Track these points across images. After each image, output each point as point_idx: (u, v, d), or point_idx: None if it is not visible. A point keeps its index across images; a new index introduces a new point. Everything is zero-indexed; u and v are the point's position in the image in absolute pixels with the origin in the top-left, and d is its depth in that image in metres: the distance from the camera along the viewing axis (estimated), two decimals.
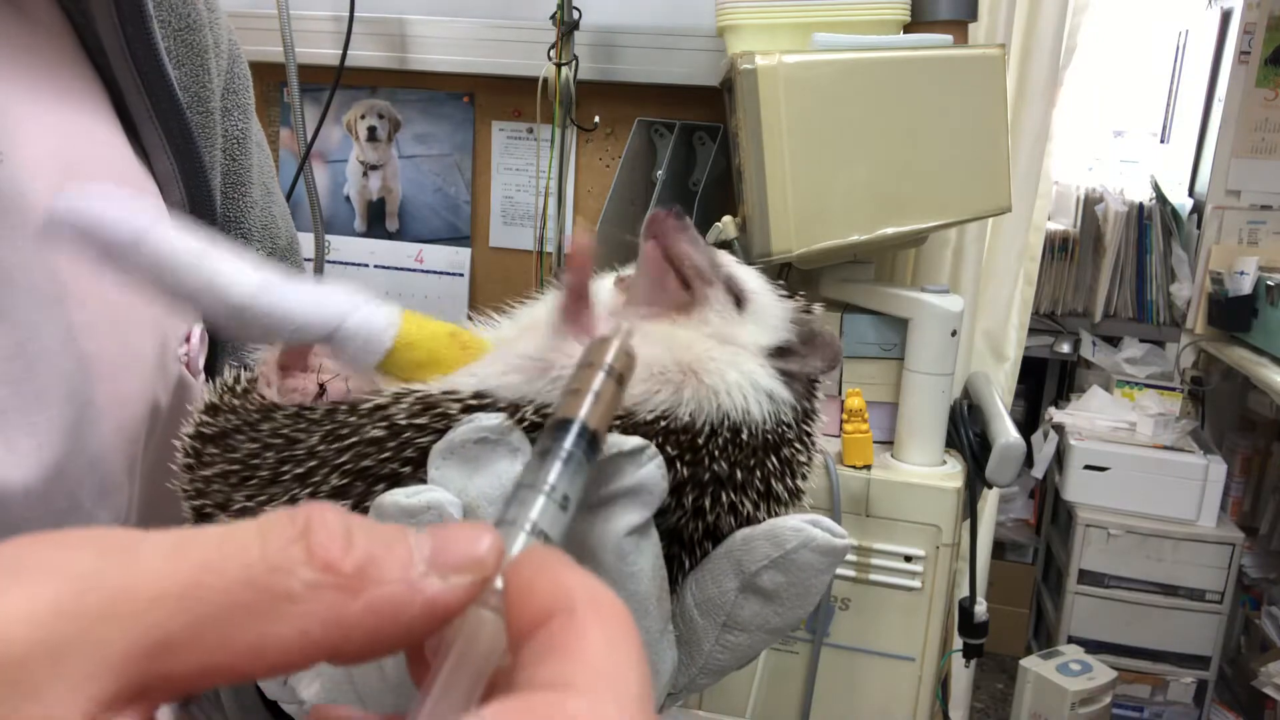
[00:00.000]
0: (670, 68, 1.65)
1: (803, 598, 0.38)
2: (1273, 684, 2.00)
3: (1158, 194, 2.47)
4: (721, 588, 0.38)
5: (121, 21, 0.45)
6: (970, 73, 1.22)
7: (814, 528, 0.38)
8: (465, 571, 0.16)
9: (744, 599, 0.38)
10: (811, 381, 0.46)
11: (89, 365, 0.40)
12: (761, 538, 0.38)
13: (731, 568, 0.38)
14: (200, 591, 0.15)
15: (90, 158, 0.44)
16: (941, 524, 1.26)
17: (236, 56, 0.56)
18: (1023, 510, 2.72)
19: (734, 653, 0.39)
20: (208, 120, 0.52)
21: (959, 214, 1.29)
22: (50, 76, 0.44)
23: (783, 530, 0.38)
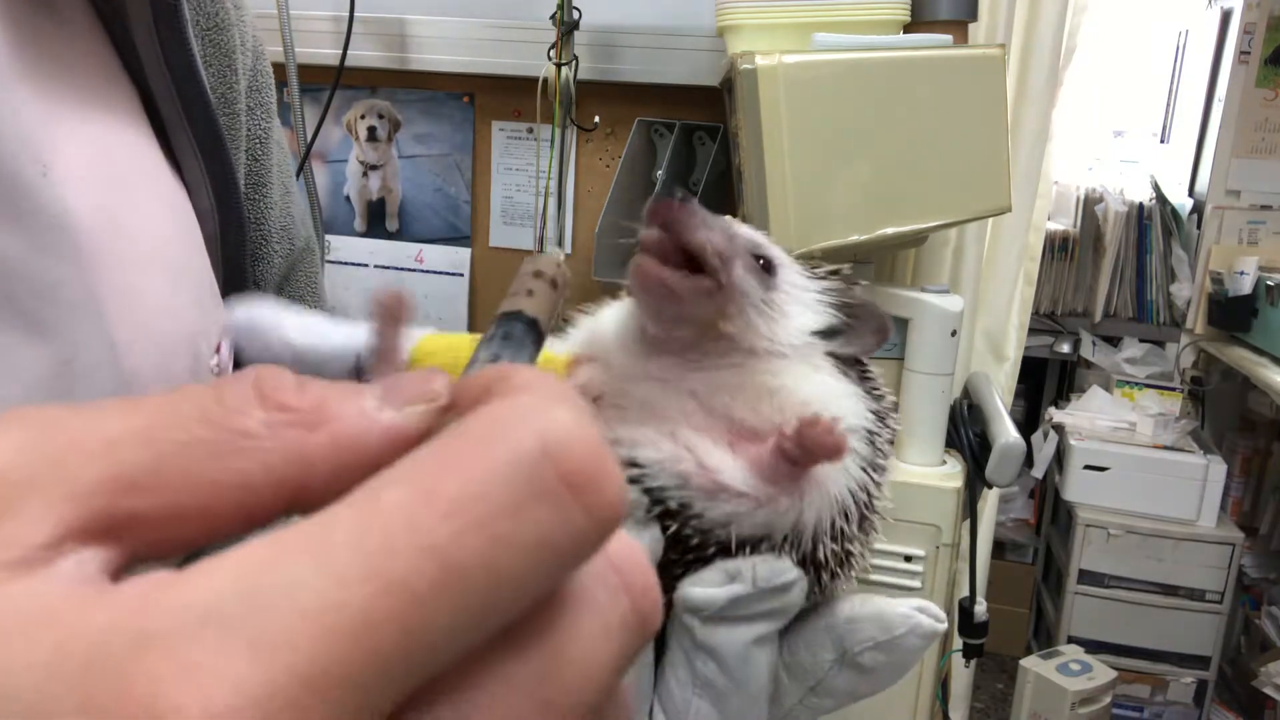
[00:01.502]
0: (670, 68, 1.65)
1: (897, 674, 0.41)
2: (1273, 684, 2.00)
3: (1158, 194, 2.47)
4: (816, 658, 0.40)
5: (157, 25, 0.44)
6: (970, 73, 1.22)
7: (921, 614, 0.39)
8: (418, 401, 0.16)
9: (839, 670, 0.40)
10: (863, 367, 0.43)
11: (129, 381, 0.39)
12: (868, 620, 0.39)
13: (831, 642, 0.39)
14: (159, 431, 0.15)
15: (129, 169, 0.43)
16: (941, 524, 1.26)
17: (260, 54, 0.56)
18: (1023, 510, 2.72)
19: (814, 712, 0.41)
20: (234, 122, 0.51)
21: (959, 214, 1.29)
22: (87, 83, 0.43)
23: (891, 616, 0.39)
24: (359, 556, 0.13)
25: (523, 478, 0.14)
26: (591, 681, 0.15)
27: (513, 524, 0.14)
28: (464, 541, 0.13)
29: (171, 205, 0.46)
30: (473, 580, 0.13)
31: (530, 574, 0.14)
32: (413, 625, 0.13)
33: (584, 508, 0.14)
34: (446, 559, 0.13)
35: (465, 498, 0.14)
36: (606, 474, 0.15)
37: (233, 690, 0.12)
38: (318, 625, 0.13)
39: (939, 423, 1.31)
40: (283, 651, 0.12)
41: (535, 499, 0.14)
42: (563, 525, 0.14)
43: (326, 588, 0.13)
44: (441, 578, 0.13)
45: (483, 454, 0.14)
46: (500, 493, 0.14)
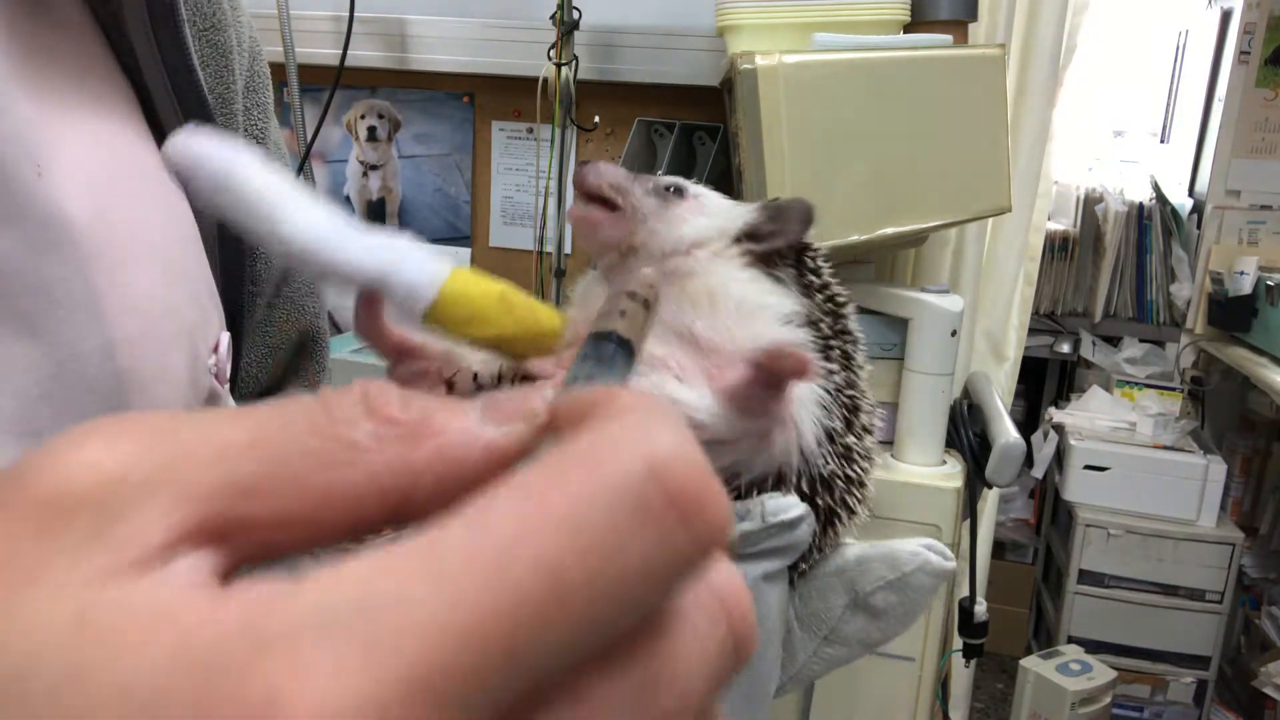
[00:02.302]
0: (670, 68, 1.65)
1: (909, 616, 0.41)
2: (1273, 684, 2.00)
3: (1158, 194, 2.47)
4: (828, 603, 0.40)
5: (154, 24, 0.44)
6: (970, 73, 1.22)
7: (929, 552, 0.40)
8: (519, 420, 0.17)
9: (851, 615, 0.40)
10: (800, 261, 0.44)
11: (126, 382, 0.39)
12: (877, 560, 0.40)
13: (843, 586, 0.40)
14: (270, 441, 0.16)
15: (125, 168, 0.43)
16: (941, 524, 1.26)
17: (257, 55, 0.56)
18: (1023, 510, 2.72)
19: (827, 664, 0.41)
20: (230, 122, 0.51)
21: (959, 214, 1.29)
22: (83, 82, 0.43)
23: (900, 554, 0.40)
24: (471, 569, 0.14)
25: (630, 499, 0.14)
26: (687, 703, 0.16)
27: (620, 544, 0.14)
28: (573, 560, 0.14)
29: (168, 204, 0.46)
30: (580, 597, 0.14)
31: (635, 593, 0.14)
32: (520, 639, 0.13)
33: (688, 529, 0.15)
34: (556, 575, 0.14)
35: (575, 517, 0.14)
36: (710, 495, 0.15)
37: (346, 692, 0.12)
38: (430, 634, 0.13)
39: (939, 423, 1.31)
40: (395, 658, 0.13)
41: (642, 520, 0.14)
42: (667, 546, 0.14)
43: (439, 598, 0.13)
44: (551, 594, 0.14)
45: (591, 475, 0.15)
46: (609, 513, 0.14)
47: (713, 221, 0.43)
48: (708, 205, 0.44)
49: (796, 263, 0.44)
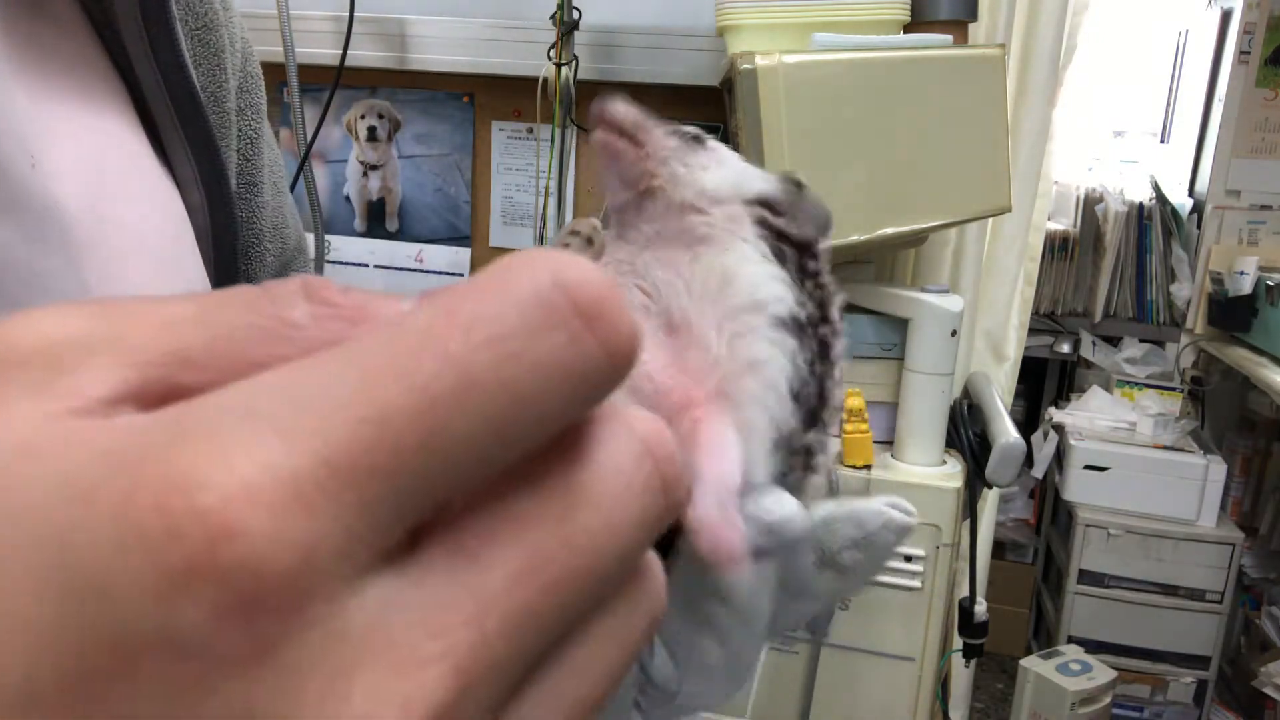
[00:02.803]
0: (670, 68, 1.65)
1: (874, 571, 0.42)
2: (1273, 684, 2.00)
3: (1158, 194, 2.47)
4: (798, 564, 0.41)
5: (146, 22, 0.45)
6: (970, 73, 1.22)
7: (891, 509, 0.41)
8: None
9: (819, 573, 0.41)
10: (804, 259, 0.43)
11: None
12: (843, 520, 0.40)
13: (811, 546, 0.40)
14: (212, 315, 0.16)
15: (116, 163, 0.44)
16: (941, 524, 1.26)
17: (250, 55, 0.56)
18: (1023, 510, 2.72)
19: (797, 619, 0.42)
20: (223, 120, 0.52)
21: (959, 214, 1.29)
22: (75, 79, 0.43)
23: (864, 512, 0.40)
24: (385, 363, 0.14)
25: (536, 303, 0.15)
26: (615, 535, 0.16)
27: (527, 343, 0.15)
28: (480, 355, 0.14)
29: (161, 199, 0.46)
30: (489, 392, 0.14)
31: (546, 396, 0.15)
32: (434, 427, 0.14)
33: (595, 335, 0.15)
34: (464, 368, 0.14)
35: (481, 317, 0.15)
36: (618, 310, 0.15)
37: (263, 469, 0.13)
38: (345, 418, 0.14)
39: (939, 423, 1.31)
40: (313, 439, 0.13)
41: (548, 323, 0.15)
42: (575, 350, 0.15)
43: (355, 385, 0.14)
44: (460, 385, 0.14)
45: (498, 285, 0.15)
46: (514, 314, 0.15)
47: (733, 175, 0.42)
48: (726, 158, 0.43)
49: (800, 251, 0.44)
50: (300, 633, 0.13)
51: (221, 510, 0.13)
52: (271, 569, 0.13)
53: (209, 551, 0.13)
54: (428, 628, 0.14)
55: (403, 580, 0.14)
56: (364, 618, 0.14)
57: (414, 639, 0.14)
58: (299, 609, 0.13)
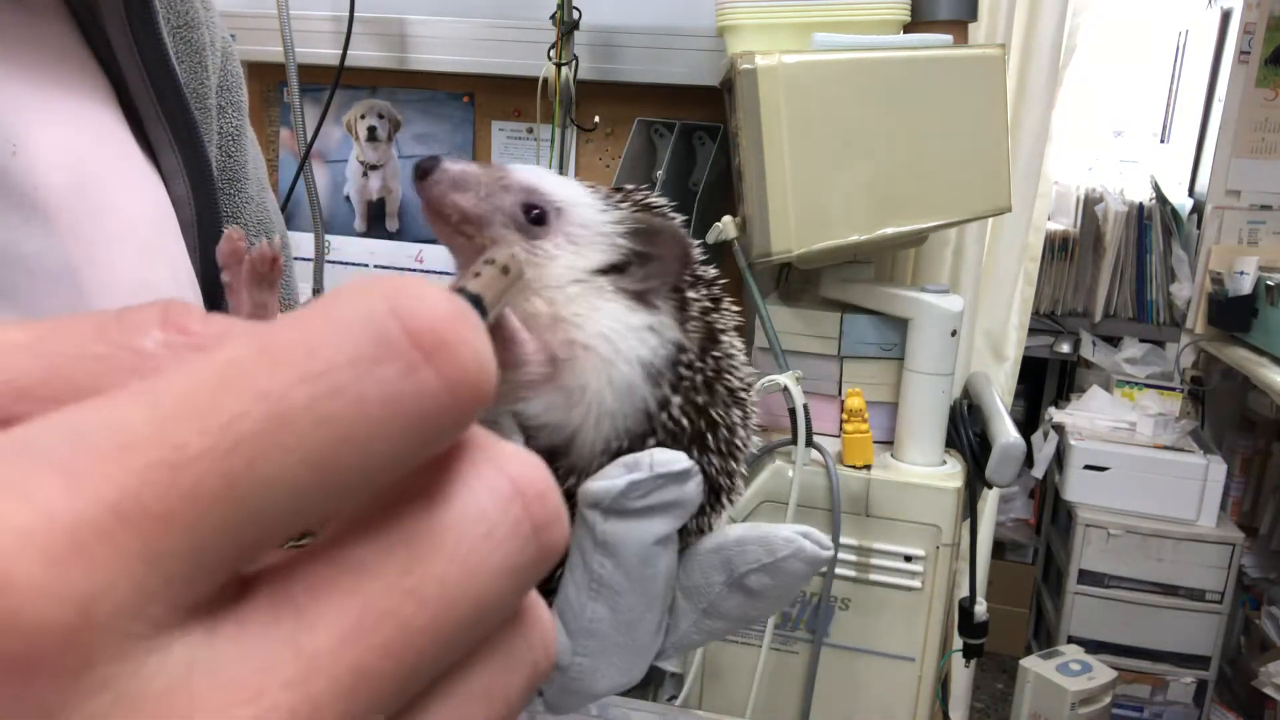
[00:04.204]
0: (670, 68, 1.65)
1: (783, 598, 0.41)
2: (1273, 684, 2.00)
3: (1158, 194, 2.47)
4: (708, 579, 0.41)
5: (130, 18, 0.45)
6: (970, 73, 1.22)
7: (804, 539, 0.40)
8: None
9: (728, 593, 0.41)
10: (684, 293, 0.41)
11: None
12: (754, 542, 0.40)
13: (721, 564, 0.41)
14: (50, 344, 0.15)
15: (100, 152, 0.44)
16: (941, 524, 1.26)
17: (230, 54, 0.57)
18: (1023, 510, 2.72)
19: (708, 635, 0.42)
20: (206, 117, 0.52)
21: (959, 214, 1.29)
22: (57, 71, 0.44)
23: (775, 539, 0.40)
24: (186, 397, 0.12)
25: (365, 332, 0.13)
26: (471, 585, 0.14)
27: (351, 377, 0.13)
28: (301, 389, 0.13)
29: (145, 189, 0.46)
30: (303, 433, 0.13)
31: (375, 437, 0.13)
32: (237, 470, 0.12)
33: (436, 370, 0.13)
34: (275, 405, 0.12)
35: (300, 347, 0.13)
36: (464, 340, 0.14)
37: (38, 514, 0.11)
38: (134, 460, 0.12)
39: (939, 423, 1.31)
40: (97, 482, 0.12)
41: (378, 355, 0.13)
42: (411, 386, 0.13)
43: (148, 426, 0.12)
44: (269, 425, 0.12)
45: (324, 313, 0.13)
46: (339, 345, 0.13)
47: (578, 256, 0.40)
48: (573, 230, 0.40)
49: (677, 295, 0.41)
50: (86, 698, 0.12)
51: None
52: (44, 625, 0.11)
53: None
54: (240, 690, 0.12)
55: (214, 638, 0.13)
56: (164, 680, 0.12)
57: (224, 702, 0.12)
58: (81, 671, 0.12)
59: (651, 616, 0.39)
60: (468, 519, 0.14)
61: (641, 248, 0.41)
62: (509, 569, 0.15)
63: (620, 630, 0.38)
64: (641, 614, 0.38)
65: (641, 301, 0.40)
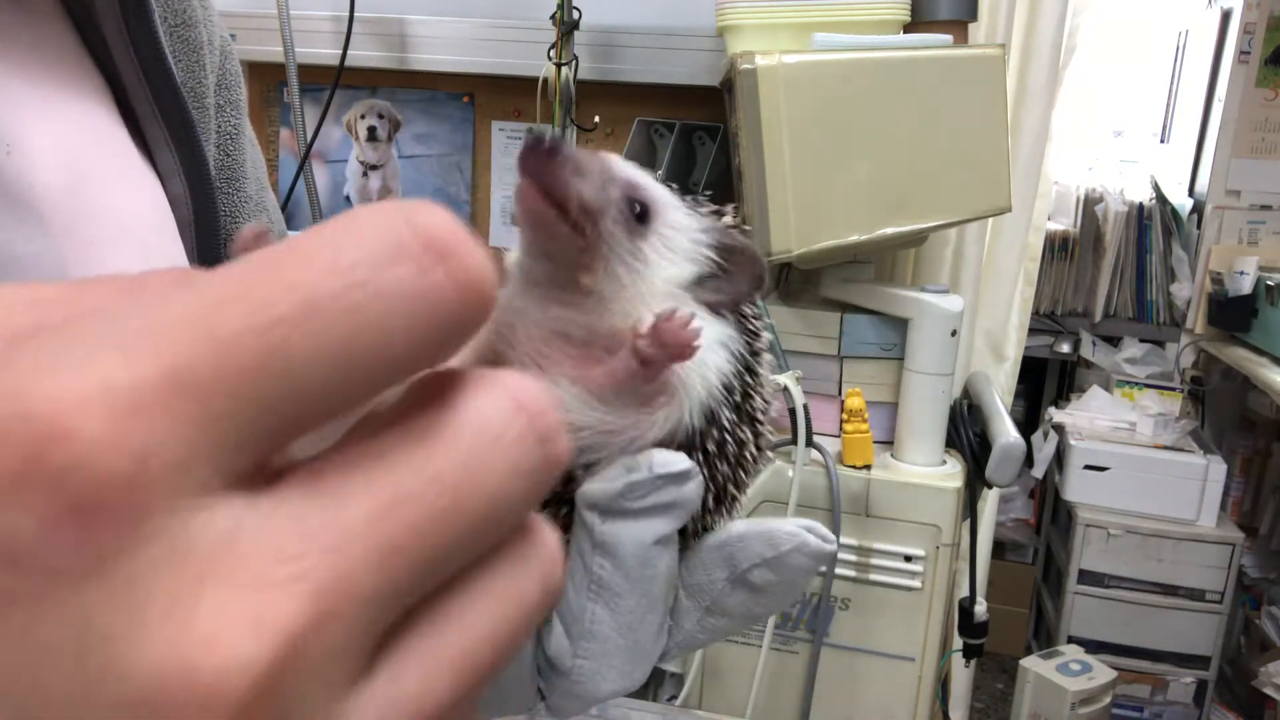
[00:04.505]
0: (670, 68, 1.65)
1: (787, 594, 0.41)
2: (1273, 684, 2.00)
3: (1158, 194, 2.47)
4: (711, 576, 0.41)
5: (125, 17, 0.45)
6: (970, 73, 1.22)
7: (808, 533, 0.40)
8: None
9: (731, 589, 0.41)
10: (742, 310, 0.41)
11: None
12: (756, 537, 0.40)
13: (723, 560, 0.40)
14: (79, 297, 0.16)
15: (96, 151, 0.44)
16: (941, 524, 1.26)
17: (228, 53, 0.57)
18: (1023, 510, 2.72)
19: (712, 633, 0.42)
20: (203, 115, 0.52)
21: (959, 214, 1.29)
22: (53, 71, 0.44)
23: (778, 533, 0.40)
24: (224, 291, 0.14)
25: (384, 238, 0.15)
26: (483, 480, 0.16)
27: (372, 272, 0.14)
28: (327, 281, 0.14)
29: (142, 189, 0.46)
30: (332, 318, 0.14)
31: (394, 327, 0.14)
32: (274, 347, 0.14)
33: (447, 272, 0.15)
34: (306, 293, 0.14)
35: (326, 248, 0.14)
36: (470, 249, 0.15)
37: (99, 378, 0.13)
38: (182, 337, 0.13)
39: (939, 423, 1.31)
40: (150, 353, 0.13)
41: (395, 256, 0.14)
42: (424, 282, 0.15)
43: (192, 310, 0.14)
44: (301, 309, 0.14)
45: (345, 223, 0.15)
46: (361, 248, 0.14)
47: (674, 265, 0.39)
48: (668, 233, 0.39)
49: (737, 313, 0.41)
50: (140, 546, 0.13)
51: (51, 413, 0.12)
52: (104, 473, 0.12)
53: (37, 454, 0.12)
54: (282, 552, 0.14)
55: (255, 508, 0.14)
56: (211, 536, 0.13)
57: (267, 560, 0.13)
58: (137, 519, 0.13)
59: (652, 618, 0.39)
60: (479, 424, 0.16)
61: (723, 261, 0.40)
62: (518, 471, 0.16)
63: (621, 632, 0.38)
64: (642, 615, 0.38)
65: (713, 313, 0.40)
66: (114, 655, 0.12)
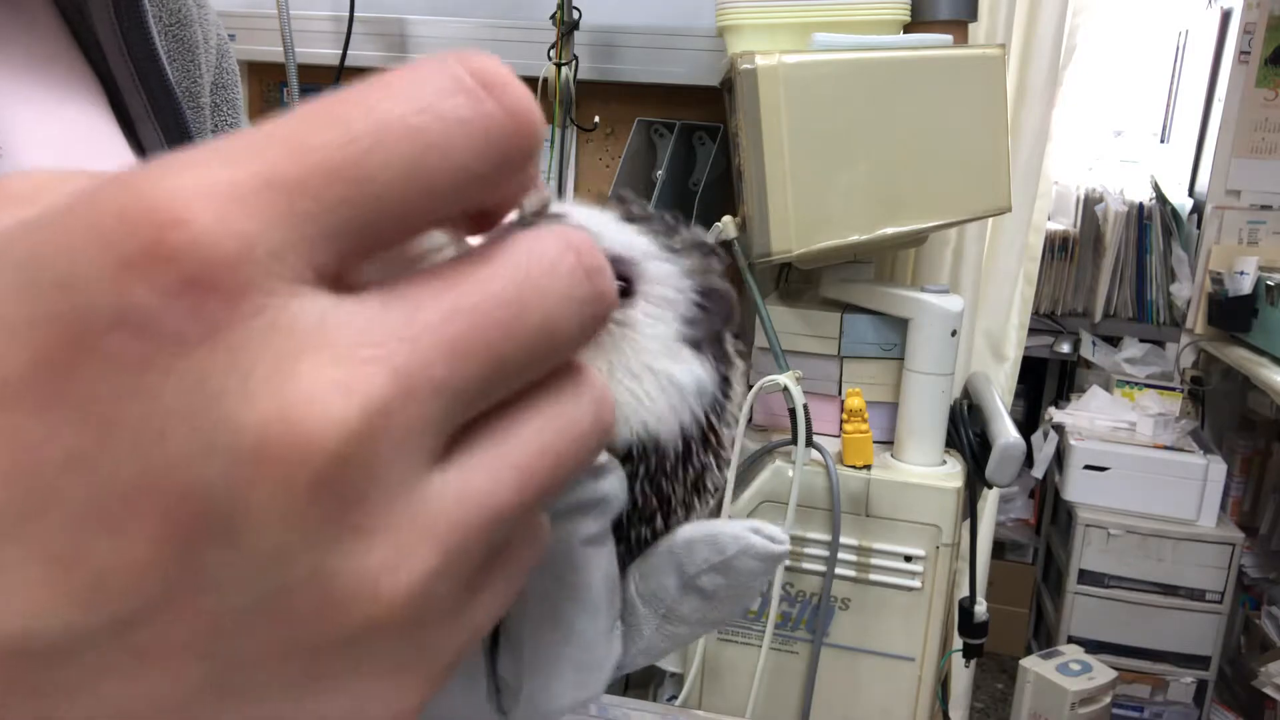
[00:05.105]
0: (670, 68, 1.65)
1: (741, 598, 0.40)
2: (1273, 684, 2.00)
3: (1158, 194, 2.47)
4: (662, 583, 0.40)
5: (119, 18, 0.45)
6: (970, 73, 1.22)
7: (754, 535, 0.39)
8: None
9: (684, 596, 0.40)
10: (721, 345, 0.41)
11: None
12: (702, 542, 0.39)
13: (672, 567, 0.40)
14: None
15: (89, 153, 0.44)
16: (941, 524, 1.26)
17: (225, 52, 0.57)
18: (1023, 510, 2.72)
19: (674, 640, 0.41)
20: (199, 116, 0.52)
21: (959, 214, 1.29)
22: (47, 72, 0.44)
23: (723, 537, 0.39)
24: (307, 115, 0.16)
25: (440, 75, 0.16)
26: (544, 302, 0.17)
27: (433, 100, 0.16)
28: (392, 106, 0.16)
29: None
30: (400, 134, 0.16)
31: (456, 149, 0.16)
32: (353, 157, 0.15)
33: (498, 102, 0.17)
34: (378, 116, 0.16)
35: (390, 85, 0.16)
36: (518, 86, 0.17)
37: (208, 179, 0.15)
38: (275, 148, 0.15)
39: (939, 423, 1.31)
40: (250, 162, 0.15)
41: (453, 88, 0.16)
42: (479, 110, 0.16)
43: (280, 130, 0.16)
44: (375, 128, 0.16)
45: (411, 68, 0.17)
46: (420, 83, 0.16)
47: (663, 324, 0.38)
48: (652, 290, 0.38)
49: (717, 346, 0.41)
50: (245, 319, 0.15)
51: (170, 204, 0.14)
52: (215, 252, 0.14)
53: (158, 237, 0.14)
54: (367, 336, 0.16)
55: (340, 303, 0.16)
56: (304, 319, 0.15)
57: (354, 341, 0.15)
58: (242, 295, 0.14)
59: (596, 625, 0.38)
60: (534, 254, 0.18)
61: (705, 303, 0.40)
62: (571, 298, 0.18)
63: (563, 642, 0.37)
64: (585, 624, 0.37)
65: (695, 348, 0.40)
66: (227, 410, 0.14)
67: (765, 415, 1.39)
